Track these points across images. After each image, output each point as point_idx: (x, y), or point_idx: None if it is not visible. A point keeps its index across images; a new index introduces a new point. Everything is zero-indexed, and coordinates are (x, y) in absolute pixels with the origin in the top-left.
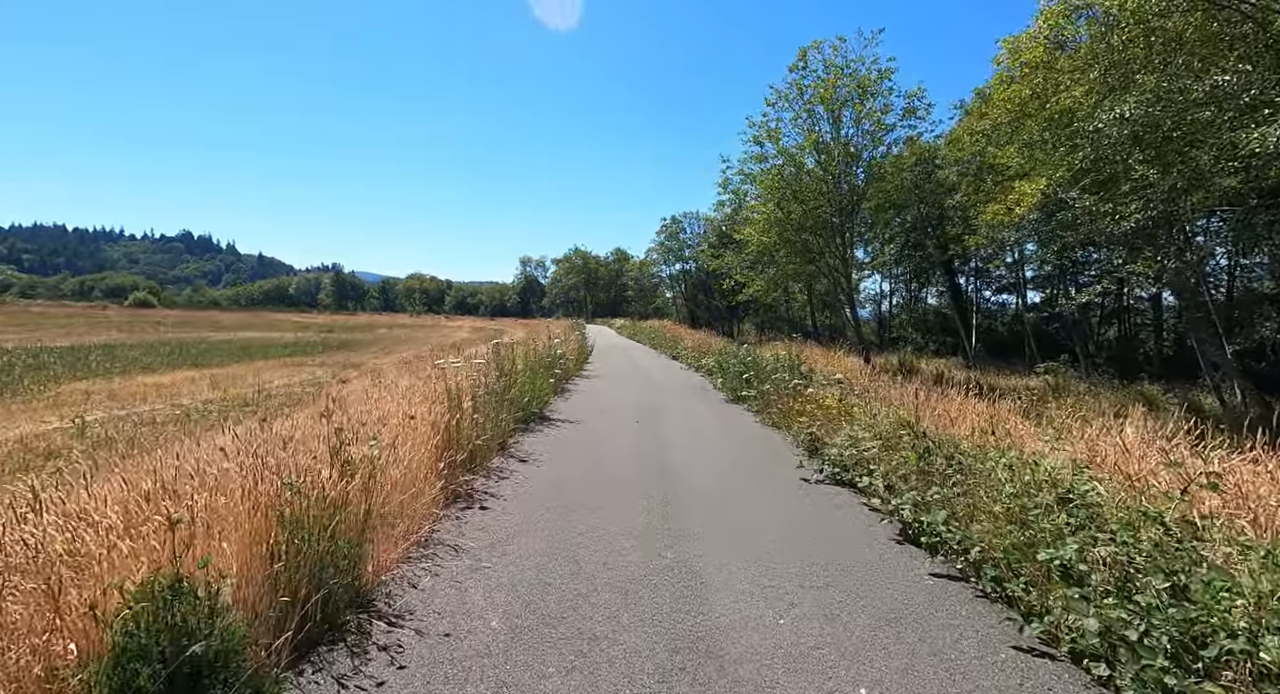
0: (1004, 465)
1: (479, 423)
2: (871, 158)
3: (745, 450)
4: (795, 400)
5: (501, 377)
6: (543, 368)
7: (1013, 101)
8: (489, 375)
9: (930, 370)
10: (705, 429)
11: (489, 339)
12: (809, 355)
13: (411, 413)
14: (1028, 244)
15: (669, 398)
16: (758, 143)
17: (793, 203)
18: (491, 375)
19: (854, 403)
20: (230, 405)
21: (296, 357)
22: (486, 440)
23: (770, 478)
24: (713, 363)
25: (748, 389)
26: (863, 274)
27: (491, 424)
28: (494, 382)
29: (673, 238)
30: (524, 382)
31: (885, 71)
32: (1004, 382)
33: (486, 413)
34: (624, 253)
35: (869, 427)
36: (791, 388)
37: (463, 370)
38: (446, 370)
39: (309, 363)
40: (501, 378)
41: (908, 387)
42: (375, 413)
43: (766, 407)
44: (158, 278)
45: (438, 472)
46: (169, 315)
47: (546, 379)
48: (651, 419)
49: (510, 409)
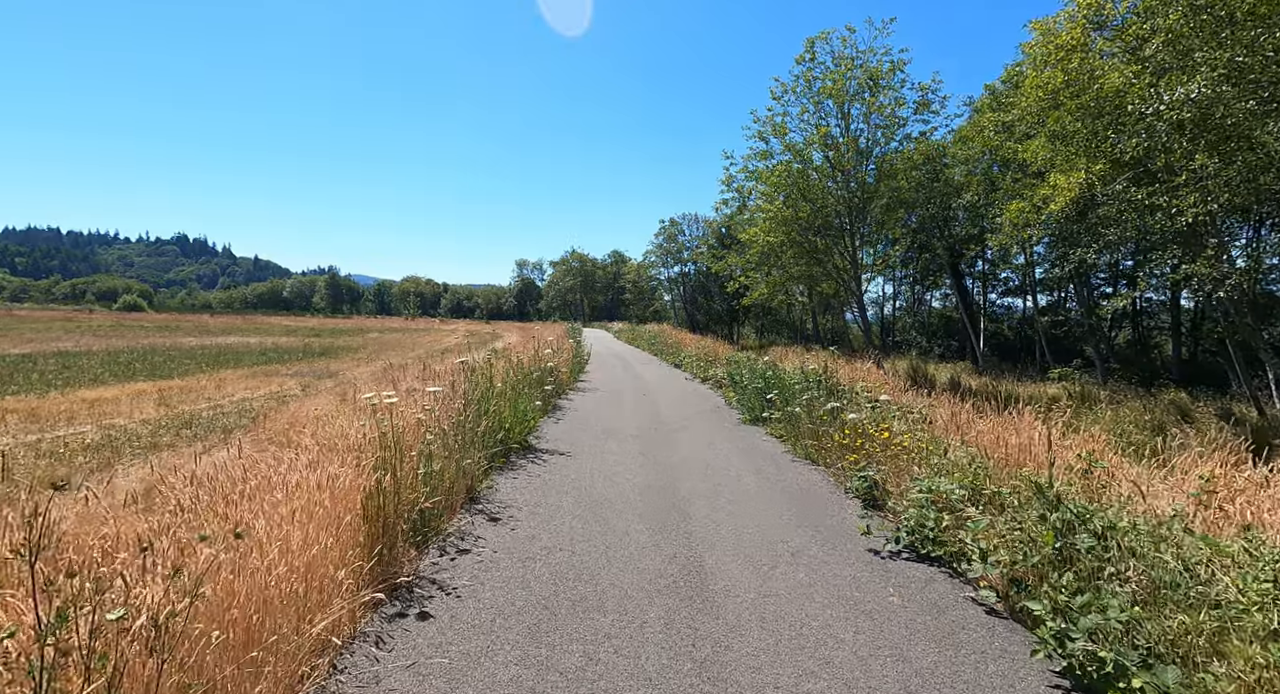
0: (1209, 554)
1: (433, 474)
2: (883, 153)
3: (786, 500)
4: (835, 429)
5: (470, 406)
6: (529, 385)
7: (1045, 89)
8: (454, 404)
9: (943, 377)
10: (727, 466)
11: (483, 343)
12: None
13: (319, 479)
14: (1039, 245)
15: (677, 419)
16: (762, 139)
17: (800, 201)
18: (457, 404)
19: (915, 435)
20: (168, 427)
21: (272, 364)
22: (446, 491)
23: (830, 545)
24: (722, 374)
25: (770, 410)
26: (869, 276)
27: (454, 471)
28: (460, 413)
29: (671, 240)
30: (504, 406)
31: (898, 62)
32: (1021, 389)
33: (448, 455)
34: (621, 255)
35: (949, 471)
36: (828, 412)
37: (428, 398)
38: (397, 405)
39: (282, 372)
40: (471, 407)
41: (938, 399)
42: (279, 475)
43: (796, 434)
44: (152, 281)
45: (361, 555)
46: (156, 319)
47: (533, 400)
48: (659, 449)
49: (484, 443)
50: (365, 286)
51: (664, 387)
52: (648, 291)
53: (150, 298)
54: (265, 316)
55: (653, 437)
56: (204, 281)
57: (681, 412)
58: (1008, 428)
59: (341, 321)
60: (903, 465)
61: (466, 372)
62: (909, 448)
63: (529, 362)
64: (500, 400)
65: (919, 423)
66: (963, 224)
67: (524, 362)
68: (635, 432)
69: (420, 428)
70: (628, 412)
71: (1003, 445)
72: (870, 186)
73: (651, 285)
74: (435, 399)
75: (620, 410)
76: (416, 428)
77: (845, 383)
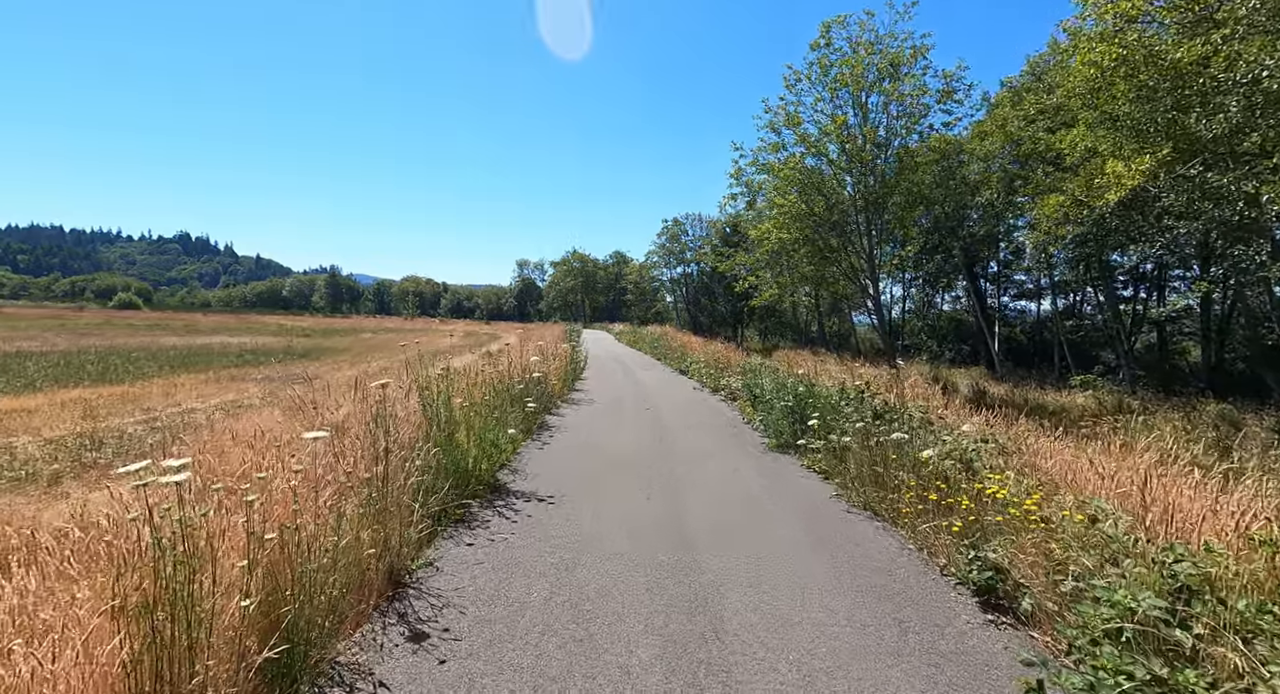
0: None
1: (322, 568)
2: (902, 145)
3: (862, 588)
4: (907, 471)
5: (401, 450)
6: (507, 404)
7: (1098, 66)
8: (379, 444)
9: (963, 384)
10: (766, 522)
11: (480, 344)
12: (864, 376)
13: None
14: (1064, 245)
15: (689, 442)
16: (774, 129)
17: (815, 195)
18: (381, 443)
19: (1020, 485)
20: (73, 448)
21: (245, 366)
22: (346, 585)
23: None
24: (737, 385)
25: (807, 437)
26: (883, 276)
27: (362, 548)
28: (396, 456)
29: (674, 240)
30: (467, 437)
31: (920, 47)
32: (1046, 397)
33: (358, 526)
34: (623, 256)
35: (1118, 558)
36: (892, 444)
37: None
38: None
39: (252, 376)
40: (400, 452)
41: (1004, 420)
42: None
43: (842, 468)
44: (154, 279)
45: None
46: (148, 317)
47: (509, 425)
48: (670, 491)
49: (436, 492)
50: (366, 286)
51: (670, 398)
52: (650, 293)
53: (149, 296)
54: (260, 315)
55: (660, 470)
56: (205, 280)
57: (694, 433)
58: (1125, 466)
59: (337, 321)
60: (1035, 540)
61: (419, 391)
62: (1045, 519)
63: (510, 372)
64: (465, 426)
65: (1016, 464)
66: (980, 223)
67: (504, 372)
68: (638, 461)
69: (313, 488)
70: (629, 431)
71: (1146, 501)
72: (889, 181)
73: (654, 286)
74: (360, 434)
75: (620, 430)
76: (312, 487)
77: (891, 399)
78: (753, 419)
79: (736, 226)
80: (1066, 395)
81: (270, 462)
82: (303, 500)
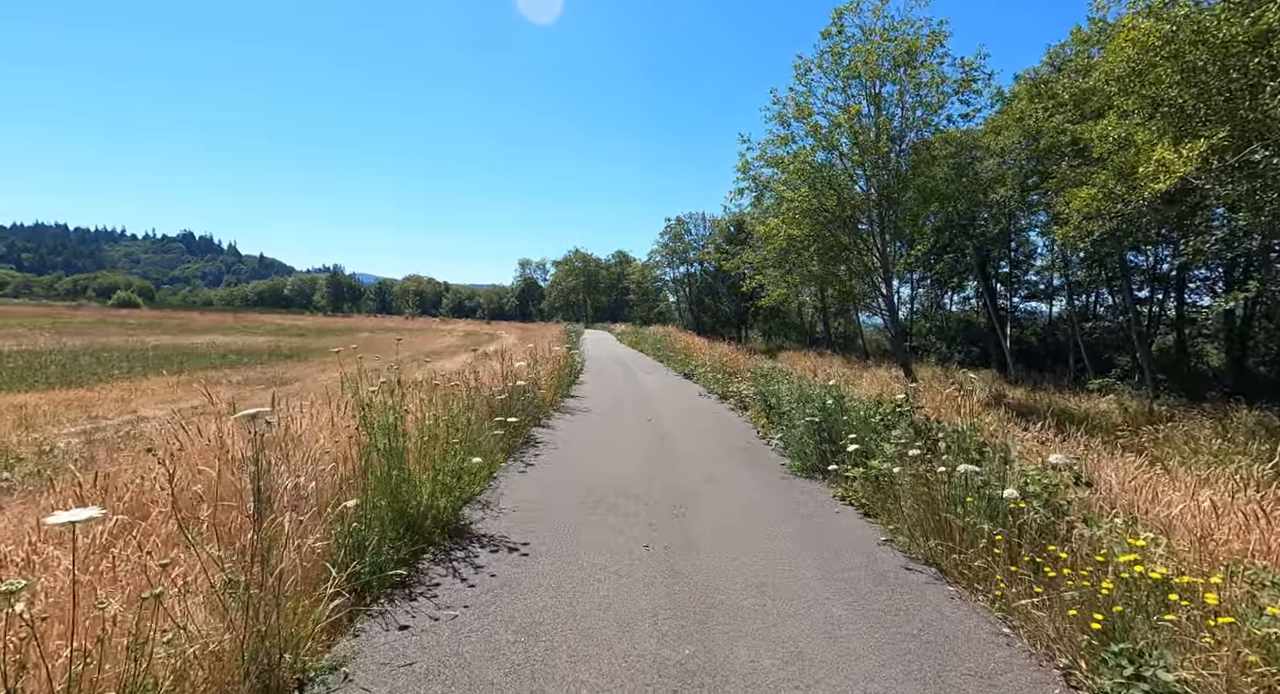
0: None
1: None
2: (919, 138)
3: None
4: (982, 516)
5: (311, 504)
6: (481, 418)
7: (1142, 43)
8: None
9: (979, 388)
10: (799, 582)
11: (477, 344)
12: (907, 388)
13: None
14: (1086, 242)
15: (698, 464)
16: (783, 121)
17: (826, 189)
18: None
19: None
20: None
21: (224, 368)
22: None
23: None
24: (749, 392)
25: (838, 460)
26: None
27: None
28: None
29: (677, 239)
30: (422, 471)
31: (938, 34)
32: (1069, 403)
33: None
34: (626, 255)
35: None
36: (961, 480)
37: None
38: None
39: (229, 378)
40: (330, 496)
41: (1032, 429)
42: None
43: (889, 505)
44: (157, 278)
45: None
46: (144, 316)
47: (479, 448)
48: (675, 538)
49: (350, 560)
50: (368, 286)
51: (675, 406)
52: (652, 293)
53: (151, 295)
54: (258, 314)
55: (662, 504)
56: (209, 279)
57: (702, 451)
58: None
59: (336, 321)
60: (1219, 641)
61: (362, 411)
62: (1226, 610)
63: (495, 379)
64: (420, 454)
65: (1104, 498)
66: (993, 221)
67: (489, 378)
68: (635, 490)
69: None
70: (627, 449)
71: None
72: (904, 175)
73: (656, 286)
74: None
75: (617, 447)
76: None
77: (928, 411)
78: (768, 433)
79: (741, 225)
80: (1087, 400)
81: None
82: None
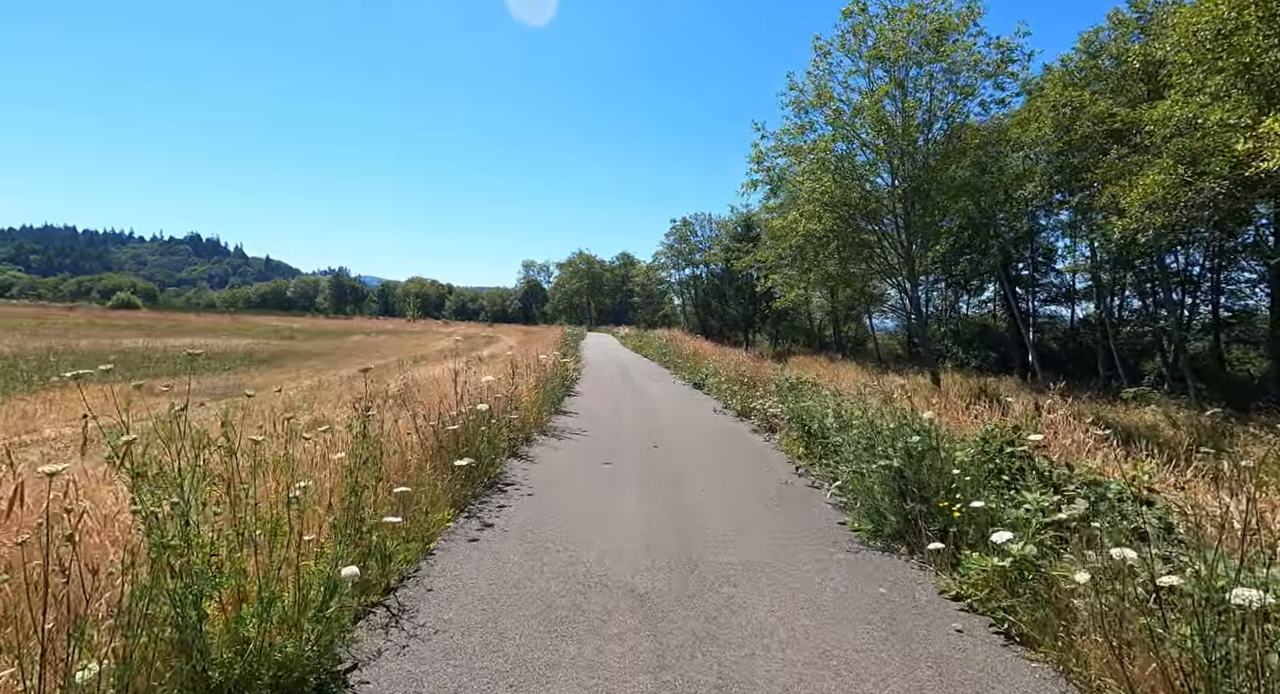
0: None
1: None
2: (950, 124)
3: None
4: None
5: None
6: (415, 469)
7: (1229, 3)
8: None
9: (1011, 398)
10: None
11: (472, 348)
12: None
13: None
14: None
15: (732, 539)
16: (800, 109)
17: (850, 180)
18: None
19: None
20: None
21: (183, 376)
22: None
23: None
24: (778, 410)
25: (933, 524)
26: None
27: None
28: None
29: (683, 240)
30: (284, 587)
31: (972, 10)
32: (1110, 413)
33: None
34: (630, 257)
35: None
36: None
37: None
38: None
39: (178, 388)
40: None
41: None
42: None
43: (1054, 630)
44: (164, 280)
45: None
46: (139, 317)
47: (331, 565)
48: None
49: None
50: (372, 288)
51: (687, 428)
52: (657, 295)
53: (155, 296)
54: (255, 316)
55: (680, 611)
56: (215, 281)
57: (729, 501)
58: None
59: (333, 323)
60: None
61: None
62: None
63: (441, 405)
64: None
65: None
66: (1018, 220)
67: (433, 404)
68: (638, 578)
69: None
70: (626, 497)
71: None
72: (932, 165)
73: (661, 289)
74: None
75: (612, 495)
76: None
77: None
78: (808, 468)
79: (750, 225)
80: (1125, 410)
81: None
82: None
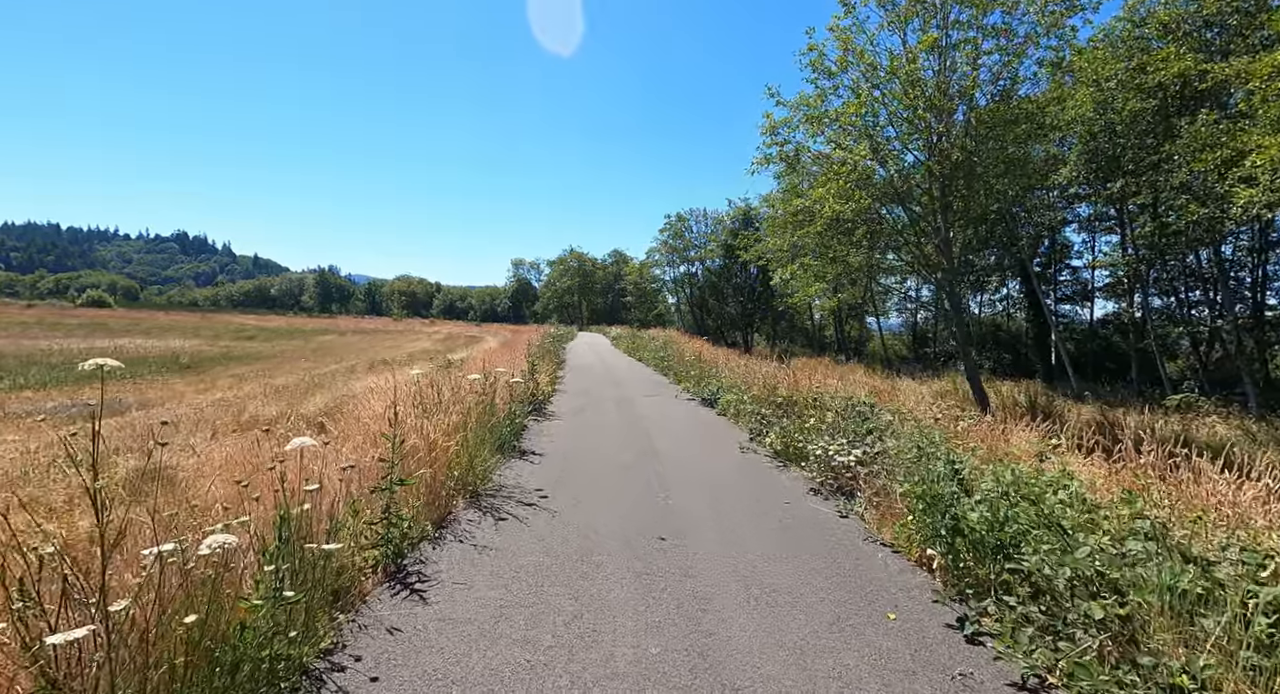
0: None
1: None
2: (1003, 89)
3: None
4: None
5: None
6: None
7: None
8: None
9: (1069, 408)
10: None
11: (450, 350)
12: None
13: None
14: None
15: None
16: (825, 73)
17: (885, 152)
18: None
19: None
20: None
21: (66, 386)
22: None
23: None
24: (851, 456)
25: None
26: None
27: None
28: None
29: (678, 237)
30: None
31: None
32: (1173, 426)
33: None
34: (623, 255)
35: None
36: None
37: None
38: None
39: (44, 403)
40: None
41: None
42: None
43: None
44: (149, 278)
45: None
46: (102, 315)
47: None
48: None
49: None
50: (360, 286)
51: (713, 493)
52: (650, 294)
53: (136, 294)
54: (231, 315)
55: None
56: (202, 279)
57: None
58: None
59: (312, 321)
60: None
61: None
62: None
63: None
64: None
65: None
66: (1045, 211)
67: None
68: None
69: None
70: (620, 640)
71: None
72: (983, 135)
73: (654, 287)
74: None
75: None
76: None
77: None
78: (960, 585)
79: (749, 218)
80: (1175, 420)
81: None
82: None
